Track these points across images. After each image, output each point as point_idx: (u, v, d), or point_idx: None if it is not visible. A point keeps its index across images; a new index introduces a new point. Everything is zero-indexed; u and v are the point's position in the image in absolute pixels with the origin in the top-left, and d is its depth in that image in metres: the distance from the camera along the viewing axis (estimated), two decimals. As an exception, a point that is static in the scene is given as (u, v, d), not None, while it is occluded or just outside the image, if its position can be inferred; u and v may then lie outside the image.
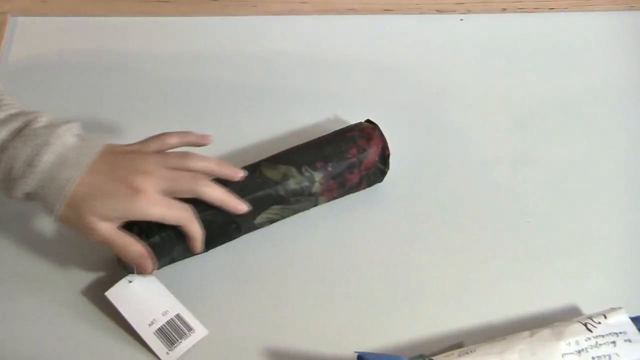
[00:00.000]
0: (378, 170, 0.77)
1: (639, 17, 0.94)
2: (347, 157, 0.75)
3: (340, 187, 0.76)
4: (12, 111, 0.68)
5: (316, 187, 0.74)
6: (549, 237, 0.78)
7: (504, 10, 0.94)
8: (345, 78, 0.89)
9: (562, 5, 0.94)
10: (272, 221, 0.75)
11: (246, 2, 0.93)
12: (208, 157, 0.71)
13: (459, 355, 0.66)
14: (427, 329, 0.71)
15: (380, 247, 0.77)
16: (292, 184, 0.73)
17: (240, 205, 0.71)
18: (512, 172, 0.82)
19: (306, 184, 0.74)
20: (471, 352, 0.66)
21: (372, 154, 0.76)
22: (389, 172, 0.78)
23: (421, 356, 0.67)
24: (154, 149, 0.71)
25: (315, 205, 0.76)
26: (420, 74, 0.89)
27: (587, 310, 0.73)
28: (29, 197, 0.67)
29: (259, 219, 0.74)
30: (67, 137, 0.67)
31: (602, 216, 0.80)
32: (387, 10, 0.93)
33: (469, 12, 0.93)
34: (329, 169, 0.74)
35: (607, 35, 0.93)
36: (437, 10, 0.93)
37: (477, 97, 0.88)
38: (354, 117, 0.81)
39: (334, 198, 0.77)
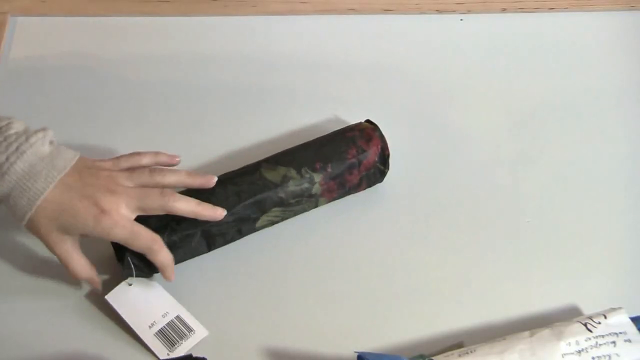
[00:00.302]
0: (378, 170, 0.77)
1: (639, 17, 0.94)
2: (347, 158, 0.75)
3: (340, 187, 0.76)
4: None
5: (316, 189, 0.74)
6: (549, 237, 0.78)
7: (504, 10, 0.94)
8: (345, 78, 0.89)
9: (562, 5, 0.94)
10: (273, 223, 0.75)
11: (246, 2, 0.93)
12: (178, 170, 0.71)
13: (459, 355, 0.66)
14: (427, 329, 0.71)
15: (380, 247, 0.77)
16: (292, 186, 0.73)
17: (217, 212, 0.70)
18: (512, 172, 0.82)
19: (306, 185, 0.74)
20: (471, 352, 0.66)
21: (371, 154, 0.76)
22: (388, 172, 0.78)
23: (421, 356, 0.67)
24: (125, 167, 0.71)
25: (316, 206, 0.76)
26: (420, 74, 0.89)
27: (587, 310, 0.73)
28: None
29: (260, 222, 0.74)
30: (39, 146, 0.66)
31: (602, 216, 0.80)
32: (387, 10, 0.93)
33: (469, 12, 0.93)
34: (329, 170, 0.74)
35: (607, 35, 0.93)
36: (437, 10, 0.93)
37: (477, 97, 0.88)
38: (354, 117, 0.81)
39: (334, 199, 0.77)
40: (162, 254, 0.68)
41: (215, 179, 0.72)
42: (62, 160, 0.67)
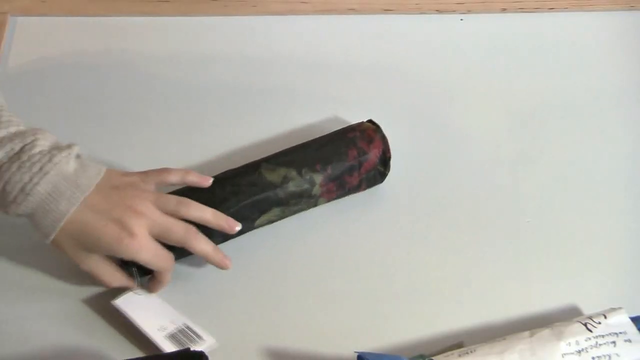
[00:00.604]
0: (378, 172, 0.77)
1: (639, 17, 0.94)
2: (347, 160, 0.75)
3: (340, 189, 0.76)
4: (12, 129, 0.66)
5: (316, 190, 0.74)
6: (549, 237, 0.78)
7: (504, 10, 0.94)
8: (345, 78, 0.89)
9: (562, 5, 0.94)
10: (271, 222, 0.75)
11: (246, 2, 0.93)
12: (205, 208, 0.70)
13: (459, 355, 0.66)
14: (427, 329, 0.71)
15: (380, 247, 0.76)
16: (292, 187, 0.73)
17: (225, 261, 0.71)
18: (512, 172, 0.82)
19: (306, 186, 0.74)
20: (471, 352, 0.66)
21: (372, 156, 0.76)
22: (386, 178, 0.78)
23: (421, 356, 0.67)
24: (153, 183, 0.71)
25: (315, 206, 0.76)
26: (420, 74, 0.89)
27: (587, 310, 0.73)
28: (22, 217, 0.67)
29: (258, 222, 0.74)
30: (63, 165, 0.66)
31: (602, 216, 0.80)
32: (387, 10, 0.93)
33: (469, 12, 0.93)
34: (329, 171, 0.74)
35: (607, 35, 0.93)
36: (437, 10, 0.93)
37: (477, 97, 0.88)
38: (354, 117, 0.81)
39: (333, 199, 0.77)
40: (169, 276, 0.70)
41: (238, 226, 0.71)
42: (86, 179, 0.67)
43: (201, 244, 0.69)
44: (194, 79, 0.88)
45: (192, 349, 0.65)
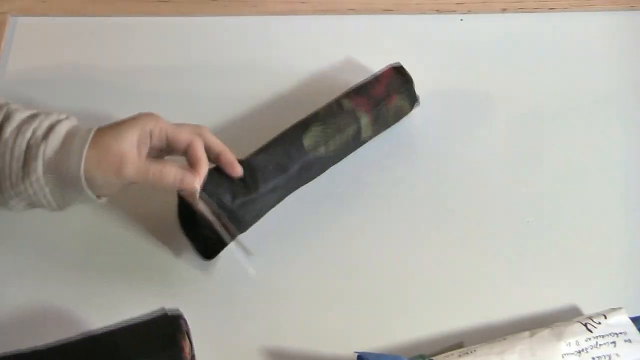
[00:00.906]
0: (400, 79, 0.80)
1: (639, 16, 0.94)
2: (365, 82, 0.80)
3: (371, 100, 0.78)
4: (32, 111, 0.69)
5: (347, 105, 0.77)
6: (549, 237, 0.78)
7: (504, 10, 0.94)
8: (344, 78, 0.88)
9: (562, 5, 0.94)
10: (316, 146, 0.76)
11: (246, 2, 0.93)
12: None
13: (459, 356, 0.66)
14: (427, 329, 0.72)
15: (380, 247, 0.77)
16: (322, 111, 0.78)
17: (237, 168, 0.71)
18: (512, 172, 0.82)
19: (335, 107, 0.78)
20: (471, 352, 0.66)
21: (385, 70, 0.81)
22: (388, 172, 0.78)
23: (421, 356, 0.67)
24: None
25: (357, 120, 0.78)
26: (420, 74, 0.89)
27: (587, 310, 0.73)
28: (48, 169, 0.65)
29: (305, 140, 0.75)
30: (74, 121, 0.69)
31: (602, 216, 0.80)
32: (387, 10, 0.93)
33: (469, 12, 0.93)
34: (352, 89, 0.80)
35: (607, 35, 0.93)
36: (437, 10, 0.93)
37: (477, 97, 0.87)
38: (354, 117, 0.81)
39: (372, 114, 0.78)
40: (213, 137, 0.71)
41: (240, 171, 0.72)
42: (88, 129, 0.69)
43: (214, 137, 0.71)
44: (193, 79, 0.88)
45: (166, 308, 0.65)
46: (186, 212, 0.71)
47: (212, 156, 0.71)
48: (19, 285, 0.73)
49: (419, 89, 0.81)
